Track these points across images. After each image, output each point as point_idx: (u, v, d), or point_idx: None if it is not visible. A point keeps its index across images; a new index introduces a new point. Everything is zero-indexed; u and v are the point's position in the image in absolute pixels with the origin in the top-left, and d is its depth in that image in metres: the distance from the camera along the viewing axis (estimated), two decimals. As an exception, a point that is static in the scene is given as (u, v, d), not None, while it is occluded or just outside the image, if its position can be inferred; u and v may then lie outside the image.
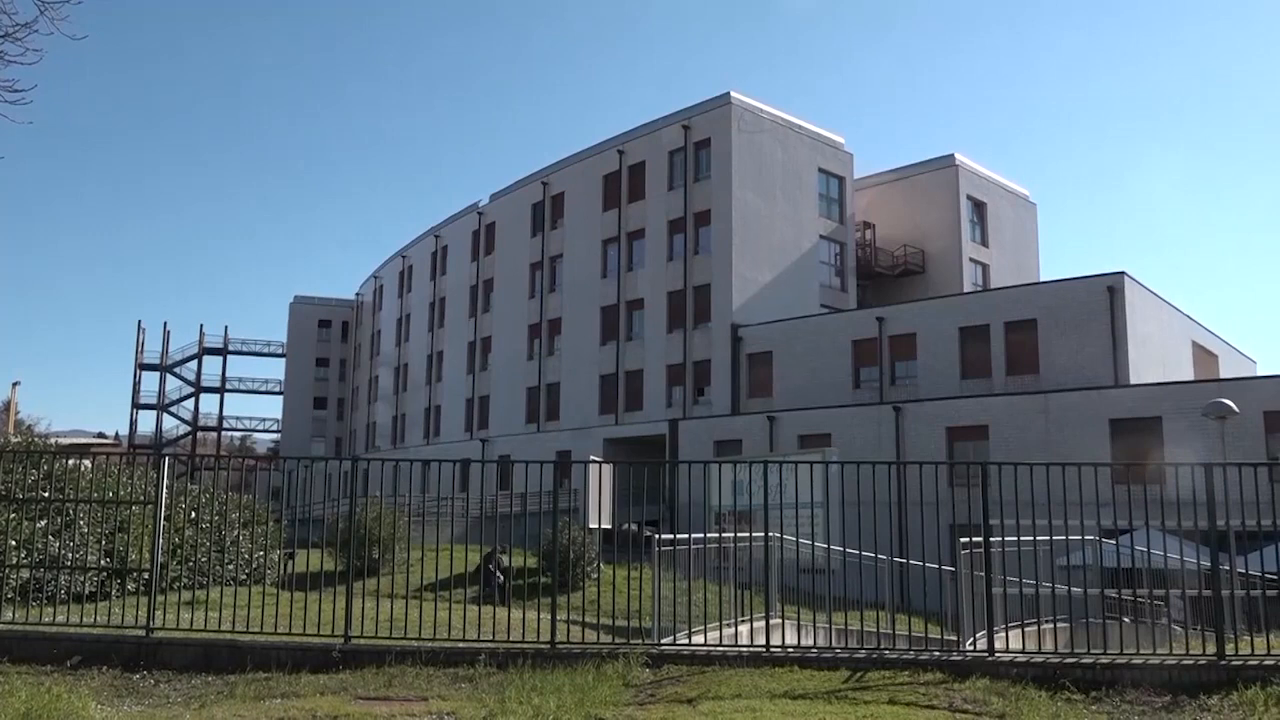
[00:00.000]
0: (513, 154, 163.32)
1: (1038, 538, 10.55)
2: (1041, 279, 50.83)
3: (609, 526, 16.75)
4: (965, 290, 47.42)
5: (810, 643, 11.67)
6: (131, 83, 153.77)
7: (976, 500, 9.71)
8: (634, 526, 15.28)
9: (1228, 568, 9.69)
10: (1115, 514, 9.79)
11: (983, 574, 9.92)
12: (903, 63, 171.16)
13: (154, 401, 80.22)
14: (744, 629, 11.28)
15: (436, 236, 65.22)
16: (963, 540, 10.90)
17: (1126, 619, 12.67)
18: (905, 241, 50.98)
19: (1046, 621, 14.39)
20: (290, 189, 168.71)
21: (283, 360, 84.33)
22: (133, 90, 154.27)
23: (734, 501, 16.15)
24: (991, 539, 9.78)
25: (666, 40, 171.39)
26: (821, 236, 46.93)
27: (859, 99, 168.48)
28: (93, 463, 14.06)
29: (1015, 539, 10.68)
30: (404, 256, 70.53)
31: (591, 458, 22.21)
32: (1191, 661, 8.92)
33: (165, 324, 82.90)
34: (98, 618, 10.78)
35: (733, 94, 45.01)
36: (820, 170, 47.51)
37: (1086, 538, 11.13)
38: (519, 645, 9.81)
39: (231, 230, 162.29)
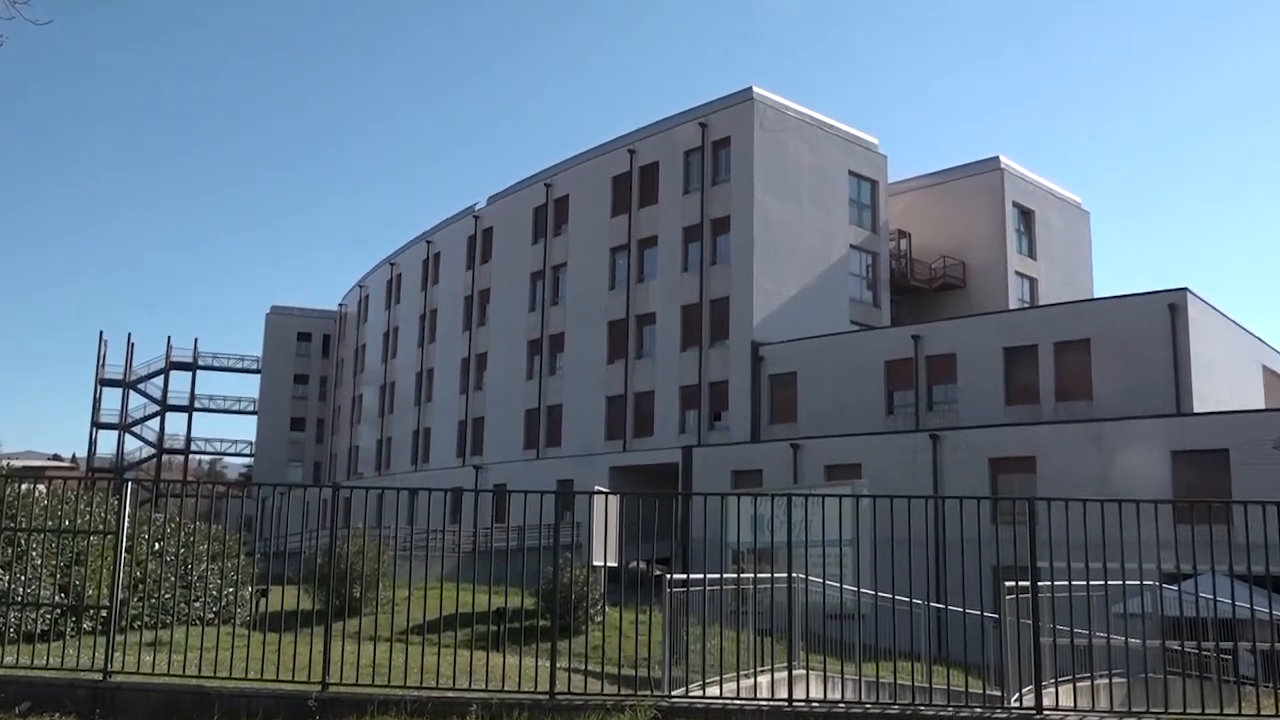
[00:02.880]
0: (513, 154, 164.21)
1: (1091, 582, 10.48)
2: (1095, 295, 50.78)
3: (615, 564, 16.68)
4: (1011, 307, 47.34)
5: (837, 696, 11.60)
6: (94, 74, 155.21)
7: (1022, 539, 9.66)
8: (642, 564, 15.24)
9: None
10: (1177, 557, 9.73)
11: (1029, 622, 9.85)
12: (937, 58, 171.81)
13: (116, 421, 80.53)
14: (764, 680, 11.22)
15: (428, 242, 65.50)
16: (1007, 584, 10.84)
17: (1190, 674, 12.57)
18: (944, 252, 50.98)
19: (1101, 676, 14.27)
20: (267, 190, 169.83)
21: (257, 377, 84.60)
22: (95, 82, 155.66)
23: (754, 538, 16.12)
24: (1039, 583, 9.71)
25: (680, 33, 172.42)
26: (852, 246, 46.98)
27: (890, 97, 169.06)
28: (48, 488, 14.09)
29: (1066, 583, 10.60)
30: (392, 264, 70.81)
31: (596, 488, 22.17)
32: (1263, 723, 8.83)
33: (129, 336, 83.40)
34: (51, 659, 10.78)
35: (755, 89, 45.19)
36: (851, 173, 47.59)
37: (1145, 583, 11.06)
38: (514, 696, 9.76)
39: (202, 235, 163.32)
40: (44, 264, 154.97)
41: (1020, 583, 10.31)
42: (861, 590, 12.50)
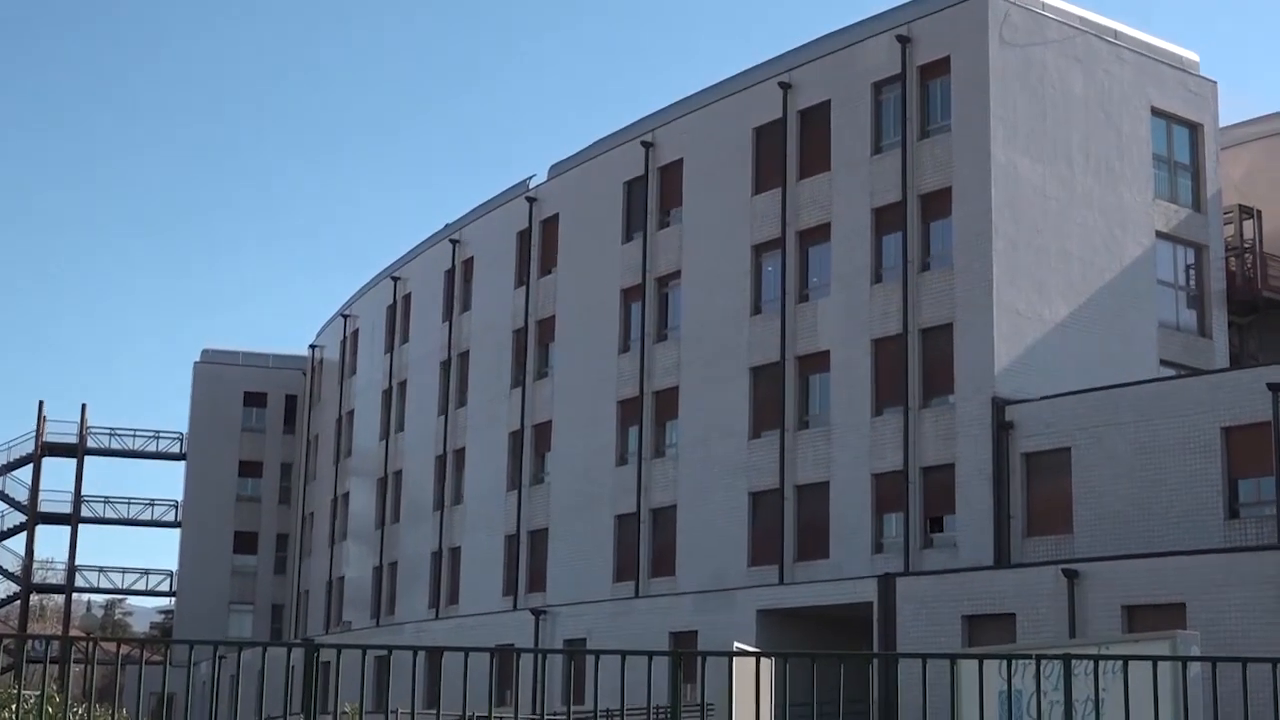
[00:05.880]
0: (582, 116, 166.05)
1: None
2: None
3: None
4: None
5: None
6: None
7: None
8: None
9: None
10: None
11: None
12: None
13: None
14: None
15: (454, 242, 66.20)
16: None
17: None
18: (1320, 242, 50.10)
19: None
20: (199, 193, 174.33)
21: (181, 465, 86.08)
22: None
23: (1005, 728, 15.94)
24: None
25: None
26: (1160, 235, 46.35)
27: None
28: None
29: None
30: (396, 279, 71.69)
31: (736, 645, 22.07)
32: None
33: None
34: None
35: (990, -23, 45.12)
36: (1156, 112, 47.08)
37: None
38: None
39: (104, 262, 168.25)
40: None
41: None
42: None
